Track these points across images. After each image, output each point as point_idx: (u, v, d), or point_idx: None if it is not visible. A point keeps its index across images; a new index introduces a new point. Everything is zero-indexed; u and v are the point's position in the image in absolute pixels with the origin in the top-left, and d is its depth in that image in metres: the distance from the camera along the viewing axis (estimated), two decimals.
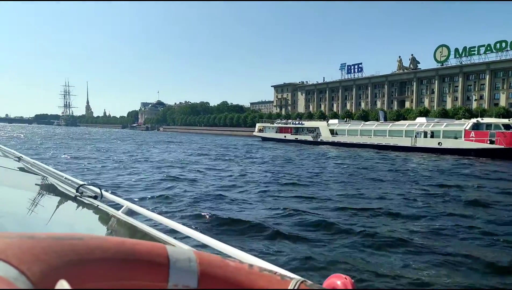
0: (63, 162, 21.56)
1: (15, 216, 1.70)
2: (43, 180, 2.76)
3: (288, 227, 8.62)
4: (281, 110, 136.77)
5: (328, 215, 9.89)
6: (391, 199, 12.46)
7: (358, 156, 34.15)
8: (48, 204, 2.11)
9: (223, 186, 14.26)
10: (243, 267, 0.77)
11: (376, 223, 9.39)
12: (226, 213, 9.67)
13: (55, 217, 1.89)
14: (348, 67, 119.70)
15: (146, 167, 20.37)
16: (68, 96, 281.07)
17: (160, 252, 0.70)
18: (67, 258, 0.56)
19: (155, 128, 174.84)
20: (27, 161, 3.59)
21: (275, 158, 29.60)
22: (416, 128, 45.44)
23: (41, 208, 1.98)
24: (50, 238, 0.58)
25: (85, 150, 33.40)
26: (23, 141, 43.69)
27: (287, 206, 10.72)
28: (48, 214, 1.89)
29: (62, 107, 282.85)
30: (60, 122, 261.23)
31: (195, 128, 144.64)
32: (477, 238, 8.37)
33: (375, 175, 19.37)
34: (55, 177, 2.82)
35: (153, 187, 13.58)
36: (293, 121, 70.13)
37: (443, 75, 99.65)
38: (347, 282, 0.87)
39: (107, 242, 0.65)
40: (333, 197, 12.49)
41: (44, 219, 1.78)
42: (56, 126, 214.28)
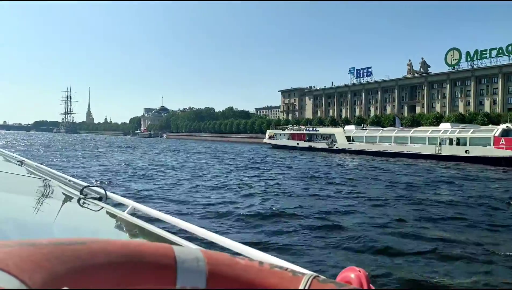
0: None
1: (19, 220, 1.70)
2: (47, 183, 2.75)
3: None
4: (288, 116, 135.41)
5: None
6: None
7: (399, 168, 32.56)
8: (52, 207, 2.10)
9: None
10: (253, 265, 0.76)
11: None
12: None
13: (59, 220, 1.90)
14: (357, 71, 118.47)
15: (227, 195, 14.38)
16: (69, 102, 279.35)
17: (167, 253, 0.69)
18: (69, 265, 0.55)
19: (158, 135, 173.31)
20: (30, 165, 3.63)
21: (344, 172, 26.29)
22: (440, 135, 43.86)
23: (45, 212, 1.99)
24: (51, 244, 0.57)
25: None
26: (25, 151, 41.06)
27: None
28: (52, 217, 1.89)
29: (62, 114, 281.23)
30: (59, 129, 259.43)
31: (200, 134, 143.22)
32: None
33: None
34: (58, 180, 2.86)
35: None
36: (307, 127, 68.50)
37: (455, 79, 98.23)
38: (361, 275, 0.86)
39: (111, 245, 0.64)
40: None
41: (48, 222, 1.79)
42: (55, 133, 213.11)
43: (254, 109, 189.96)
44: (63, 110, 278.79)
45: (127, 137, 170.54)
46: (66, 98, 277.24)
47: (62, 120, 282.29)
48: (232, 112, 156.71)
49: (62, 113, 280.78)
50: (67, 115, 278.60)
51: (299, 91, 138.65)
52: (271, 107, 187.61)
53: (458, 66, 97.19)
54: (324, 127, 65.78)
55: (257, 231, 8.79)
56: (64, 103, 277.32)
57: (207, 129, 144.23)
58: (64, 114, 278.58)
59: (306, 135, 63.29)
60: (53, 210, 2.05)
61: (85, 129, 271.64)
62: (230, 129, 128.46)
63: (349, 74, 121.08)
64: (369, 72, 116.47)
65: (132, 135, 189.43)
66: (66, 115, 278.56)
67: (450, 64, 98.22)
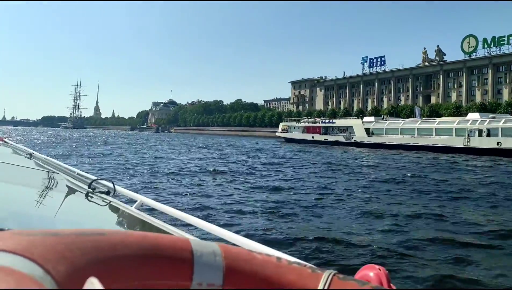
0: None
1: (27, 213, 1.70)
2: (55, 176, 2.75)
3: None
4: (299, 107, 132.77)
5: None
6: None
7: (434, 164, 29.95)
8: (60, 200, 2.10)
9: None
10: (271, 260, 0.74)
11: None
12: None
13: (67, 213, 1.91)
14: (370, 61, 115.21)
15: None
16: (78, 97, 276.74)
17: (184, 246, 0.68)
18: (90, 256, 0.56)
19: (166, 130, 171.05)
20: (39, 158, 3.65)
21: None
22: (468, 126, 41.10)
23: (52, 205, 1.98)
24: (73, 235, 0.58)
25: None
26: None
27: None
28: (60, 211, 1.89)
29: (70, 108, 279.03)
30: (67, 124, 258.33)
31: (209, 129, 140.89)
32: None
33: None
34: (67, 173, 2.87)
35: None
36: (322, 119, 65.73)
37: (472, 67, 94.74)
38: (381, 273, 0.83)
39: (130, 237, 0.64)
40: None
41: (55, 216, 1.79)
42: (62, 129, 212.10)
43: (263, 101, 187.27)
44: (72, 105, 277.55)
45: (133, 132, 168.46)
46: (76, 92, 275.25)
47: (70, 115, 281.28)
48: (241, 105, 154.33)
49: (70, 107, 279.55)
50: (75, 110, 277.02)
51: (309, 82, 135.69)
52: (280, 99, 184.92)
53: (475, 53, 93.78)
54: (341, 119, 62.75)
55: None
56: (73, 97, 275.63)
57: (215, 122, 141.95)
58: (73, 109, 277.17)
59: (321, 128, 60.68)
60: (61, 203, 2.03)
61: (92, 124, 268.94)
62: (240, 122, 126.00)
63: (361, 63, 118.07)
64: (383, 61, 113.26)
65: (139, 130, 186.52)
66: (74, 109, 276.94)
67: (467, 52, 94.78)
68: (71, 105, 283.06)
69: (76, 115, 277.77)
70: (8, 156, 3.65)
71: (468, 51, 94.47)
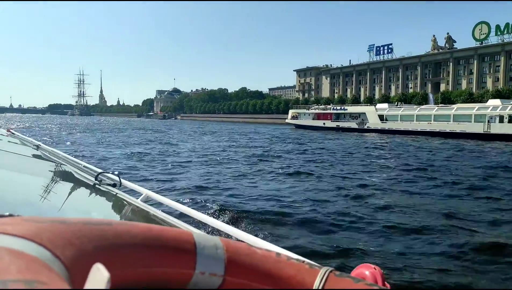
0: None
1: (33, 203, 1.71)
2: (62, 168, 2.75)
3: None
4: (304, 95, 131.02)
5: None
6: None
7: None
8: (66, 192, 2.10)
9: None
10: (271, 255, 0.76)
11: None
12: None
13: (73, 204, 1.91)
14: (377, 48, 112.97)
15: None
16: (82, 85, 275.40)
17: (187, 238, 0.69)
18: (97, 243, 0.57)
19: (172, 117, 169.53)
20: (46, 149, 3.72)
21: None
22: (489, 112, 39.58)
23: (59, 196, 1.98)
24: (80, 223, 0.60)
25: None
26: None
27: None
28: (66, 202, 1.89)
29: (76, 97, 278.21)
30: (74, 112, 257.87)
31: (215, 116, 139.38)
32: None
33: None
34: (73, 165, 2.90)
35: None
36: (333, 106, 64.20)
37: (483, 54, 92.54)
38: (376, 272, 0.85)
39: (135, 228, 0.65)
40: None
41: (61, 206, 1.79)
42: (70, 116, 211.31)
43: (267, 89, 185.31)
44: (77, 93, 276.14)
45: (141, 119, 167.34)
46: (79, 81, 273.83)
47: (76, 103, 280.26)
48: (246, 93, 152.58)
49: (75, 96, 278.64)
50: (81, 98, 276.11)
51: (315, 70, 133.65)
52: (284, 87, 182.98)
53: (486, 40, 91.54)
54: (353, 106, 61.28)
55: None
56: (78, 86, 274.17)
57: (221, 110, 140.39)
58: (78, 97, 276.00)
59: (333, 115, 59.25)
60: (67, 195, 2.03)
61: (98, 111, 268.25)
62: (246, 109, 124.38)
63: (368, 51, 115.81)
64: (390, 49, 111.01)
65: (146, 117, 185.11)
66: (80, 98, 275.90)
67: (478, 39, 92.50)
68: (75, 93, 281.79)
69: (82, 103, 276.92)
70: (16, 147, 3.61)
71: (480, 38, 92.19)
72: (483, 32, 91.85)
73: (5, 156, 2.84)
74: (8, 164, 2.57)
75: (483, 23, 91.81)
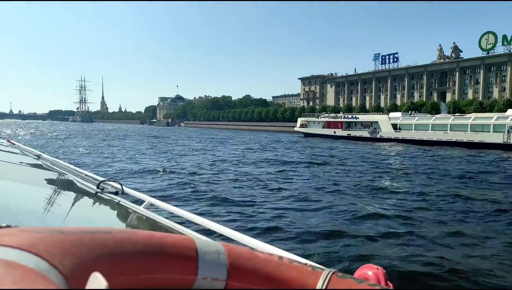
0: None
1: (35, 213, 1.70)
2: (63, 177, 2.76)
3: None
4: (309, 104, 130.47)
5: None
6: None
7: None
8: (68, 201, 2.10)
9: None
10: (273, 259, 0.76)
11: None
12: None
13: (75, 213, 1.91)
14: (382, 57, 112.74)
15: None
16: (84, 91, 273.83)
17: (189, 244, 0.69)
18: (97, 252, 0.57)
19: (176, 124, 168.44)
20: (46, 159, 3.70)
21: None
22: (509, 122, 38.90)
23: (61, 205, 1.98)
24: (79, 232, 0.59)
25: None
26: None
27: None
28: (70, 211, 1.90)
29: (77, 103, 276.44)
30: (75, 118, 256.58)
31: (220, 123, 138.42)
32: None
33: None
34: (75, 174, 2.89)
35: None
36: (344, 114, 63.41)
37: (489, 64, 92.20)
38: (379, 272, 0.84)
39: (135, 236, 0.65)
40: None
41: (64, 216, 1.79)
42: (72, 123, 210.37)
43: (271, 97, 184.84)
44: (78, 100, 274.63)
45: (144, 126, 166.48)
46: (80, 87, 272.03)
47: (77, 110, 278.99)
48: (250, 101, 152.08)
49: (76, 102, 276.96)
50: (82, 104, 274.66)
51: (320, 78, 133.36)
52: (288, 95, 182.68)
53: (493, 50, 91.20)
54: (365, 115, 60.40)
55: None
56: (79, 92, 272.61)
57: (225, 117, 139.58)
58: (79, 103, 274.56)
59: (343, 123, 58.48)
60: (69, 204, 2.04)
61: (100, 118, 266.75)
62: (252, 117, 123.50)
63: (373, 60, 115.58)
64: (396, 58, 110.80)
65: (149, 124, 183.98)
66: (81, 104, 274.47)
67: (485, 49, 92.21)
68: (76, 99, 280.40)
69: (84, 109, 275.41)
70: (17, 157, 3.62)
71: (486, 48, 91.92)
72: (489, 42, 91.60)
73: (6, 166, 2.82)
74: (9, 175, 2.55)
75: (490, 33, 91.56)
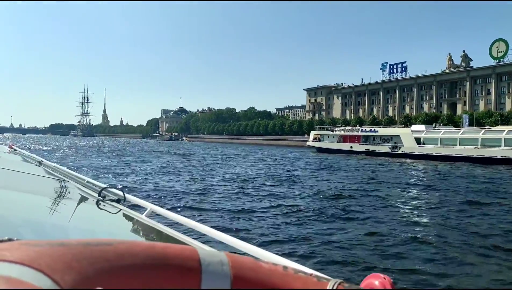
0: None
1: (37, 221, 1.68)
2: (65, 184, 2.73)
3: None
4: (314, 115, 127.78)
5: None
6: None
7: None
8: (69, 209, 2.08)
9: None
10: (277, 269, 0.74)
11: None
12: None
13: (77, 221, 1.90)
14: (390, 67, 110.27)
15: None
16: (86, 104, 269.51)
17: (192, 255, 0.68)
18: (98, 266, 0.56)
19: (179, 138, 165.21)
20: (48, 166, 3.65)
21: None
22: None
23: (62, 213, 1.97)
24: (80, 245, 0.58)
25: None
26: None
27: None
28: (70, 219, 1.87)
29: (79, 116, 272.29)
30: (76, 132, 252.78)
31: (225, 137, 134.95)
32: None
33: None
34: (76, 181, 2.86)
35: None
36: (362, 128, 60.33)
37: (501, 73, 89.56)
38: (386, 282, 0.83)
39: (137, 247, 0.64)
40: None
41: (66, 224, 1.78)
42: (72, 137, 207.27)
43: (275, 109, 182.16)
44: (80, 112, 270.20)
45: (146, 140, 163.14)
46: (83, 99, 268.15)
47: (78, 123, 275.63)
48: (254, 113, 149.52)
49: (78, 115, 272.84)
50: (84, 118, 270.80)
51: (326, 89, 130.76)
52: (292, 107, 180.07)
53: (504, 59, 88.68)
54: (385, 128, 57.15)
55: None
56: (81, 105, 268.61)
57: (230, 131, 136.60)
58: (81, 117, 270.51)
59: (361, 137, 55.45)
60: (70, 211, 2.02)
61: (101, 132, 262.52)
62: (258, 130, 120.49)
63: (381, 70, 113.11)
64: (404, 68, 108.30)
65: (151, 138, 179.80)
66: (83, 117, 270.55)
67: (496, 57, 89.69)
68: (78, 112, 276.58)
69: (85, 123, 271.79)
70: (18, 164, 3.55)
71: (497, 56, 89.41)
72: (500, 50, 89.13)
73: (7, 173, 2.78)
74: (10, 182, 2.53)
75: (501, 41, 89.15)
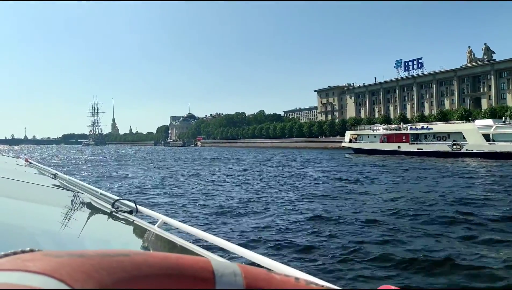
0: None
1: (52, 232, 1.66)
2: (79, 196, 2.73)
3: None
4: (327, 116, 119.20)
5: None
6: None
7: None
8: (83, 220, 2.06)
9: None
10: (289, 281, 0.72)
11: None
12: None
13: (91, 232, 1.88)
14: (405, 64, 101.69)
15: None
16: (97, 114, 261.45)
17: (205, 266, 0.67)
18: (116, 276, 0.55)
19: (191, 143, 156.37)
20: (63, 178, 3.66)
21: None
22: None
23: (77, 224, 1.94)
24: (98, 256, 0.57)
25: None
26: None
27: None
28: (84, 230, 1.85)
29: (90, 126, 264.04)
30: (88, 142, 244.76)
31: (239, 141, 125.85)
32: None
33: None
34: (90, 193, 2.85)
35: None
36: (410, 125, 51.41)
37: None
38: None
39: (152, 258, 0.63)
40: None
41: (80, 235, 1.75)
42: (85, 146, 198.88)
43: (283, 112, 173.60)
44: (91, 122, 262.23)
45: (158, 147, 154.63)
46: (93, 109, 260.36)
47: (89, 132, 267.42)
48: (264, 116, 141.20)
49: (89, 125, 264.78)
50: (95, 127, 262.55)
51: (337, 89, 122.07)
52: (301, 109, 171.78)
53: None
54: (441, 124, 48.44)
55: None
56: (92, 115, 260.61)
57: (244, 134, 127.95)
58: (92, 126, 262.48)
59: (410, 135, 46.86)
60: (85, 223, 2.00)
61: (112, 140, 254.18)
62: (274, 133, 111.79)
63: (395, 67, 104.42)
64: (420, 64, 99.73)
65: (163, 145, 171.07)
66: (94, 127, 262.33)
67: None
68: (89, 122, 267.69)
69: (96, 132, 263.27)
70: (34, 176, 3.57)
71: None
72: None
73: (23, 186, 2.79)
74: (26, 194, 2.52)
75: None
